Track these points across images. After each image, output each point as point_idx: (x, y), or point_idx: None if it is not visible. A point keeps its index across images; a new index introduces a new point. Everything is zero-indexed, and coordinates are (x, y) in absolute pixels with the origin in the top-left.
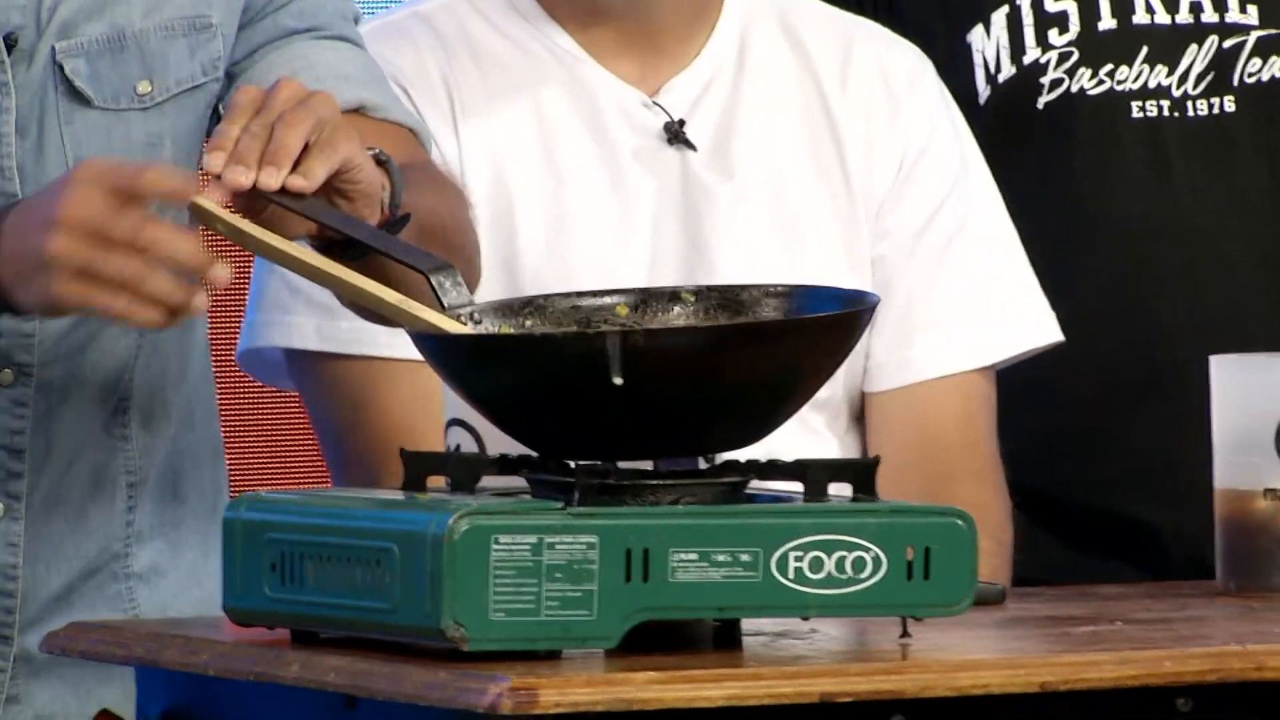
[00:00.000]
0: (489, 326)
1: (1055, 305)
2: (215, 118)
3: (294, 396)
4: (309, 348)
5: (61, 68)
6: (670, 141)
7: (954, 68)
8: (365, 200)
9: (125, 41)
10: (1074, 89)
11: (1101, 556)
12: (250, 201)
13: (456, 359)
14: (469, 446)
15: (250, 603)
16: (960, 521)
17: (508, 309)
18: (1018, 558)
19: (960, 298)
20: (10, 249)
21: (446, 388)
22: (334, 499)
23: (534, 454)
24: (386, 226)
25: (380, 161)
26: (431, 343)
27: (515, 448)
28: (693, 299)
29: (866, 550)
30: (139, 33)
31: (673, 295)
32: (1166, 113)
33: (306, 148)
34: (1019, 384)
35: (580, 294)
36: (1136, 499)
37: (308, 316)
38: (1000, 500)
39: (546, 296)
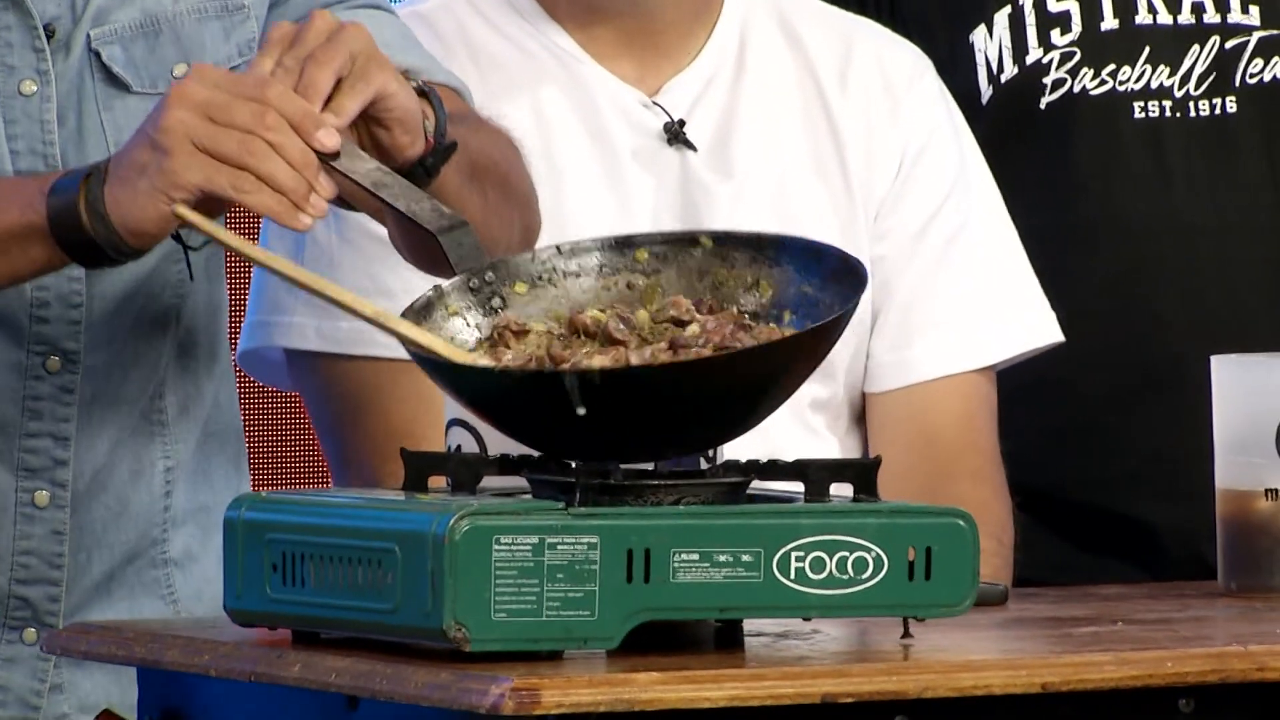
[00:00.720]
0: (459, 308)
1: (1056, 305)
2: None
3: (296, 396)
4: (309, 348)
5: (98, 55)
6: (670, 142)
7: (956, 67)
8: (403, 128)
9: (159, 26)
10: (1076, 89)
11: (1102, 556)
12: None
13: (435, 377)
14: (470, 447)
15: (252, 603)
16: (961, 521)
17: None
18: (1019, 557)
19: (960, 298)
20: (119, 161)
21: None
22: (335, 499)
23: (534, 454)
24: (432, 154)
25: (422, 92)
26: (410, 353)
27: (516, 448)
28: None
29: (868, 550)
30: (172, 17)
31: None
32: (1168, 113)
33: (339, 83)
34: (1019, 383)
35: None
36: (1137, 498)
37: (307, 317)
38: (1001, 500)
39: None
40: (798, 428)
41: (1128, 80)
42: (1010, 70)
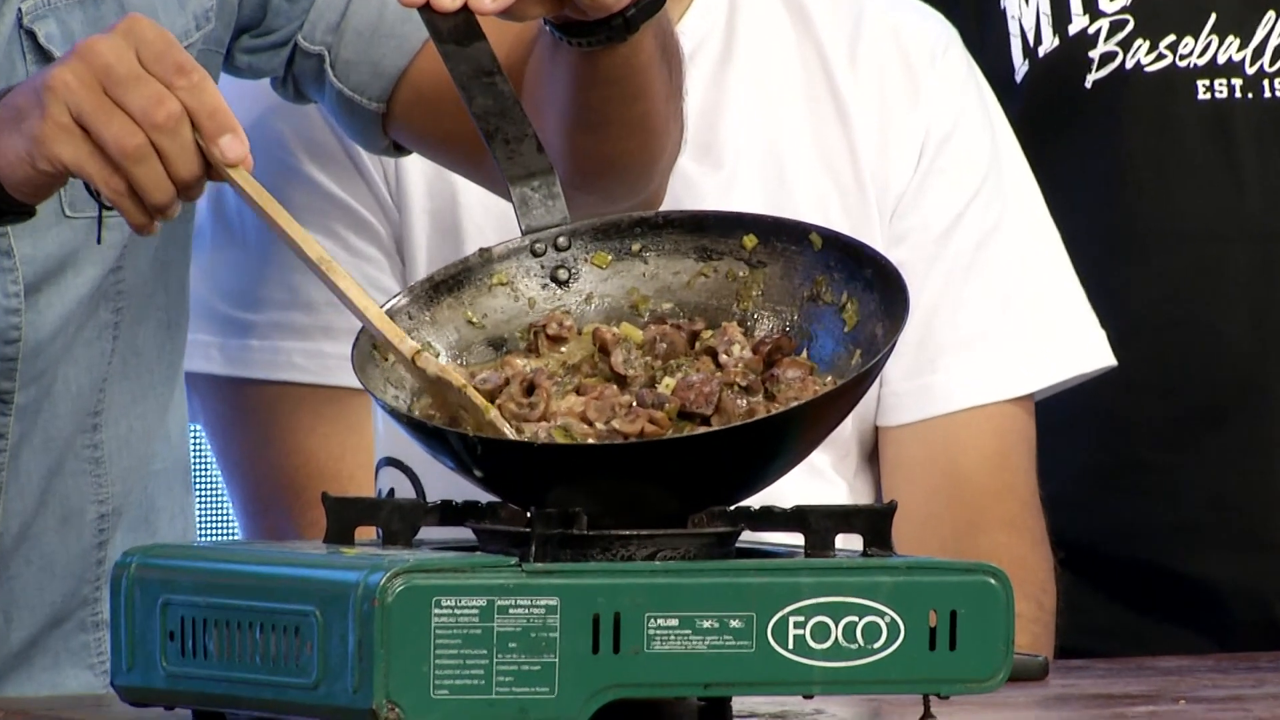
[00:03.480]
0: (510, 277)
1: (1104, 322)
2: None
3: None
4: (211, 370)
5: (32, 34)
6: None
7: (986, 40)
8: None
9: None
10: (1128, 65)
11: (1160, 620)
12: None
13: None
14: (405, 490)
15: (144, 678)
16: (993, 580)
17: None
18: (1061, 622)
19: (992, 314)
20: (14, 93)
21: (379, 420)
22: (243, 553)
23: (481, 501)
24: (636, 5)
25: None
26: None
27: (459, 492)
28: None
29: (881, 615)
30: None
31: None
32: (1238, 93)
33: None
34: (1062, 415)
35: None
36: (1200, 551)
37: (209, 334)
38: (1040, 554)
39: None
40: (798, 468)
41: (1190, 54)
42: (1050, 42)
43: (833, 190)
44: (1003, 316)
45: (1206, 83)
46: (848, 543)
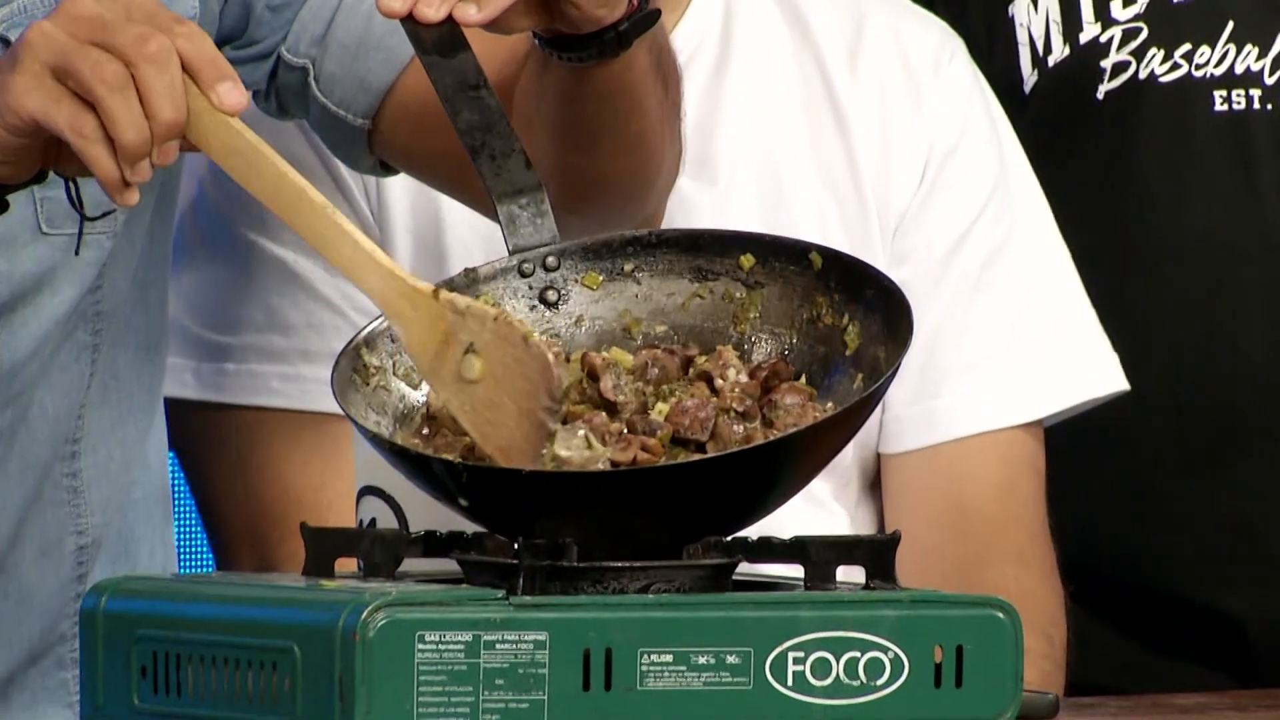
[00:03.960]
0: (497, 298)
1: (1116, 343)
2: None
3: None
4: (185, 396)
5: (7, 41)
6: None
7: (993, 48)
8: None
9: None
10: (1142, 74)
11: (1176, 656)
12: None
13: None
14: (386, 520)
15: (116, 716)
16: (1000, 614)
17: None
18: (1072, 658)
19: (999, 336)
20: None
21: (359, 446)
22: (219, 585)
23: (467, 532)
24: (630, 19)
25: None
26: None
27: (443, 522)
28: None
29: (884, 650)
30: None
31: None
32: (1256, 104)
33: None
34: (1072, 442)
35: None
36: (1218, 583)
37: (182, 357)
38: (1050, 587)
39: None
40: (797, 497)
41: (1206, 63)
42: (1060, 51)
43: (832, 204)
44: (1010, 339)
45: (1224, 93)
46: (849, 575)
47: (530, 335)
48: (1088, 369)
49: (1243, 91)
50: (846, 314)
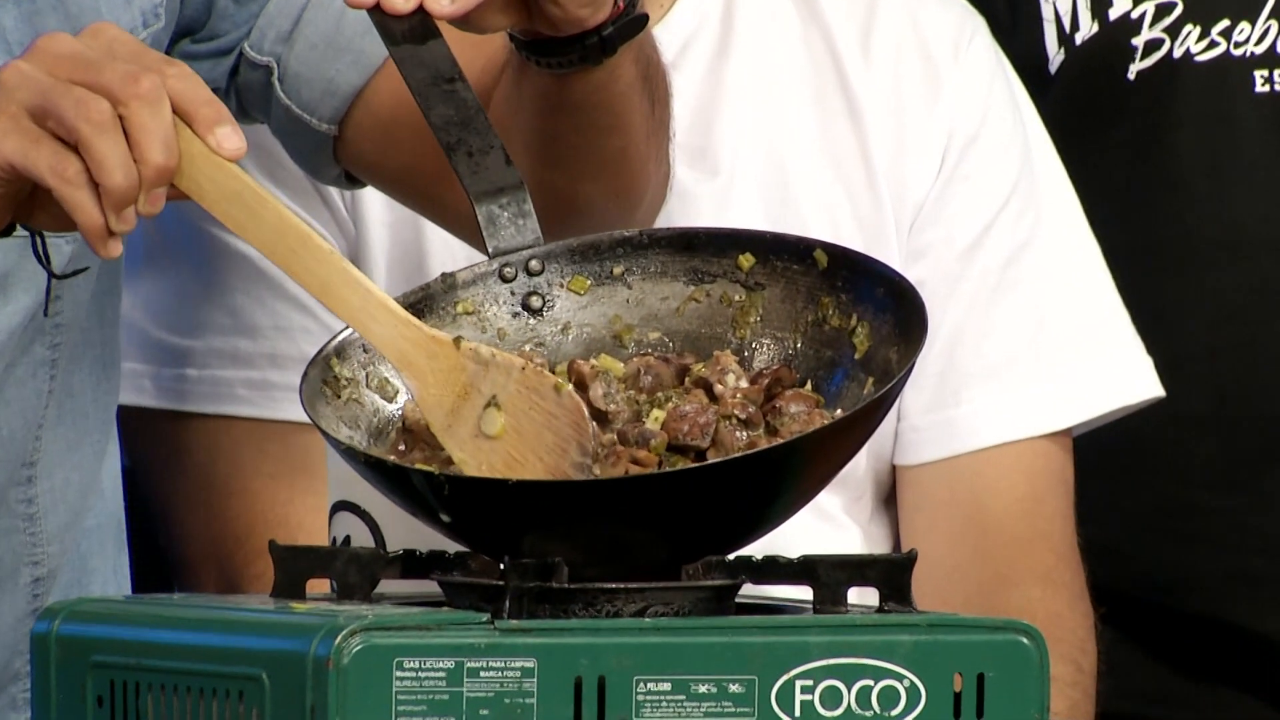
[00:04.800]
0: (477, 304)
1: (1151, 347)
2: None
3: None
4: (143, 404)
5: None
6: None
7: (1015, 26)
8: None
9: None
10: (1177, 53)
11: (1212, 682)
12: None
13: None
14: (362, 538)
15: None
16: (1025, 639)
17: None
18: (1102, 686)
19: (1024, 339)
20: None
21: (332, 458)
22: (181, 609)
23: (448, 551)
24: (615, 23)
25: None
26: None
27: (423, 540)
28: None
29: (899, 678)
30: None
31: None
32: None
33: None
34: (1102, 453)
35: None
36: (1259, 604)
37: (140, 362)
38: (1078, 610)
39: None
40: (805, 512)
41: (1246, 41)
42: (1089, 28)
43: (843, 198)
44: (1035, 342)
45: (1265, 73)
46: (862, 597)
47: (562, 386)
48: (1119, 374)
49: None
50: (855, 315)
